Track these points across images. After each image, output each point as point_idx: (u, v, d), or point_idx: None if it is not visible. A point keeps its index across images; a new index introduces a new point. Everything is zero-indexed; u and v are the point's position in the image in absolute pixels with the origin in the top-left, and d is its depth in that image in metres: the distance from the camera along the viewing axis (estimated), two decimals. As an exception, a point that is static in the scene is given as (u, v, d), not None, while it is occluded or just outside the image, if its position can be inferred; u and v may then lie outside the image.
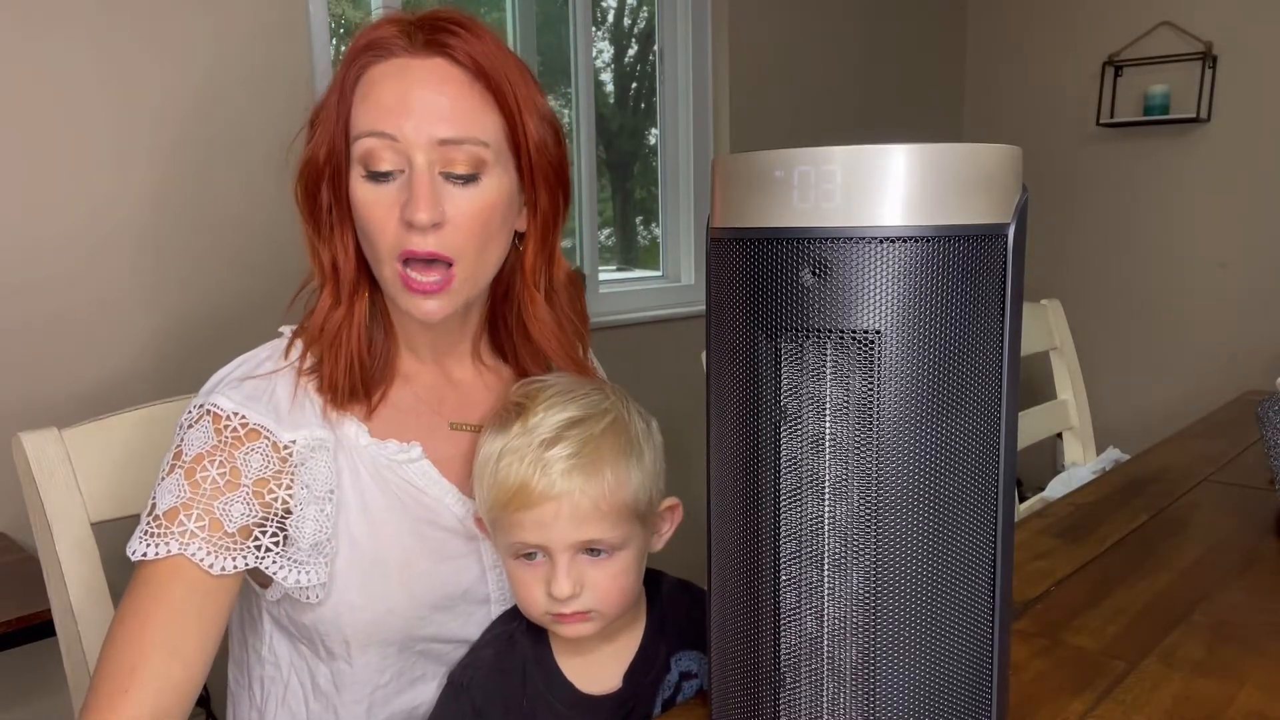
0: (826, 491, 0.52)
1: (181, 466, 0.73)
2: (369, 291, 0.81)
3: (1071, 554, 0.99)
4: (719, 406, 0.57)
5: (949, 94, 3.53)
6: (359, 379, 0.79)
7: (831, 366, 0.51)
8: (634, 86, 2.78)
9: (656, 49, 2.66)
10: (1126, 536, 1.04)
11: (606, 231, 2.72)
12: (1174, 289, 3.17)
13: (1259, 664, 0.74)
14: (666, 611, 0.82)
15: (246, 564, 0.72)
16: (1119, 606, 0.86)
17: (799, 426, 0.52)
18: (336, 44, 1.88)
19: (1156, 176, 3.16)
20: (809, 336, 0.51)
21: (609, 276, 2.66)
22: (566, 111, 2.44)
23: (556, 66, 2.43)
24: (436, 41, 0.74)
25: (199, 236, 1.69)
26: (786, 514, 0.53)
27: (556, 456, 0.72)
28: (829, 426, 0.51)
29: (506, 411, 0.77)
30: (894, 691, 0.52)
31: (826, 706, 0.54)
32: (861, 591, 0.52)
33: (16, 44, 1.48)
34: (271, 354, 0.81)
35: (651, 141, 2.77)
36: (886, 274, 0.49)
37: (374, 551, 0.79)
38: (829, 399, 0.51)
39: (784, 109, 2.86)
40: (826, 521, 0.52)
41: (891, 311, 0.49)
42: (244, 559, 0.72)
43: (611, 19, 2.70)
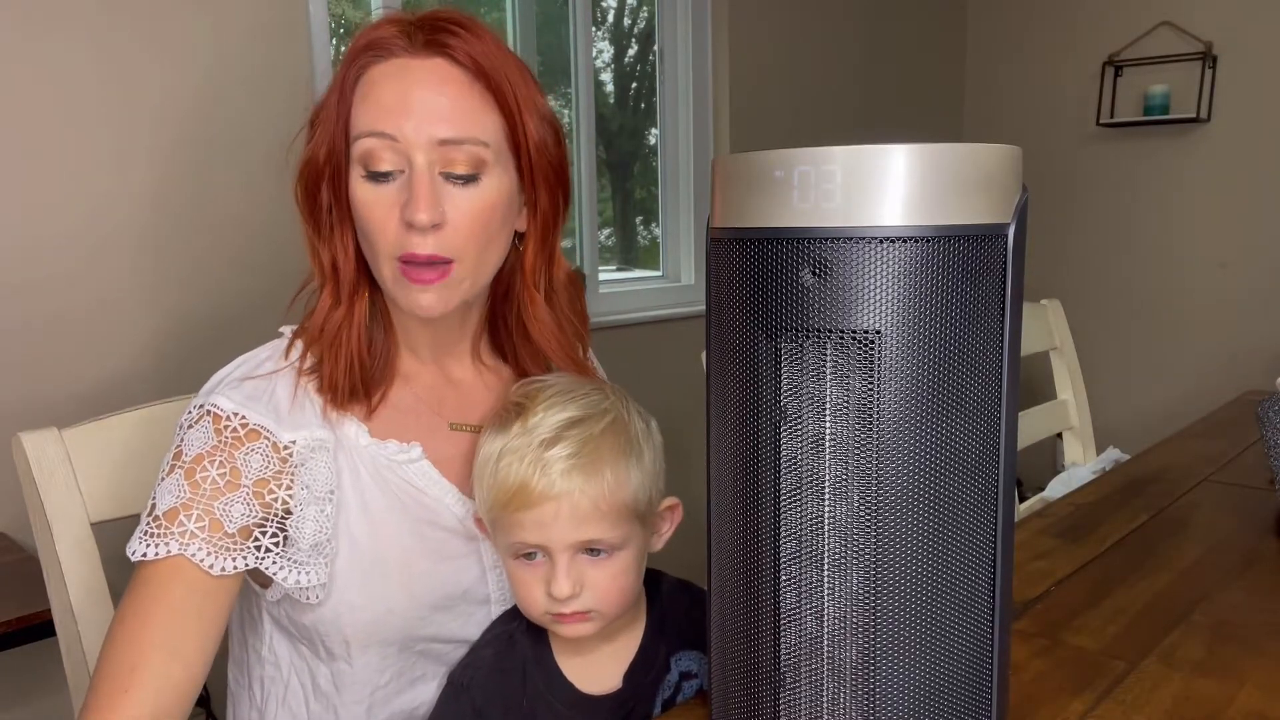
0: (826, 491, 0.52)
1: (181, 467, 0.73)
2: (369, 291, 0.81)
3: (1071, 554, 0.99)
4: (719, 406, 0.57)
5: (949, 94, 3.53)
6: (359, 379, 0.79)
7: (831, 366, 0.51)
8: (634, 86, 2.78)
9: (656, 49, 2.66)
10: (1126, 536, 1.04)
11: (606, 231, 2.72)
12: (1174, 289, 3.17)
13: (1259, 664, 0.74)
14: (666, 611, 0.82)
15: (246, 564, 0.72)
16: (1119, 606, 0.86)
17: (799, 426, 0.52)
18: (336, 44, 1.88)
19: (1156, 176, 3.16)
20: (809, 336, 0.51)
21: (609, 276, 2.66)
22: (566, 111, 2.44)
23: (556, 66, 2.43)
24: (436, 41, 0.74)
25: (199, 236, 1.69)
26: (786, 514, 0.53)
27: (556, 456, 0.72)
28: (829, 426, 0.51)
29: (506, 411, 0.77)
30: (894, 691, 0.52)
31: (826, 706, 0.54)
32: (861, 591, 0.52)
33: (16, 44, 1.48)
34: (271, 354, 0.81)
35: (651, 141, 2.77)
36: (886, 274, 0.49)
37: (374, 552, 0.79)
38: (829, 399, 0.51)
39: (784, 109, 2.86)
40: (826, 521, 0.52)
41: (891, 311, 0.49)
42: (244, 559, 0.72)
43: (611, 19, 2.70)
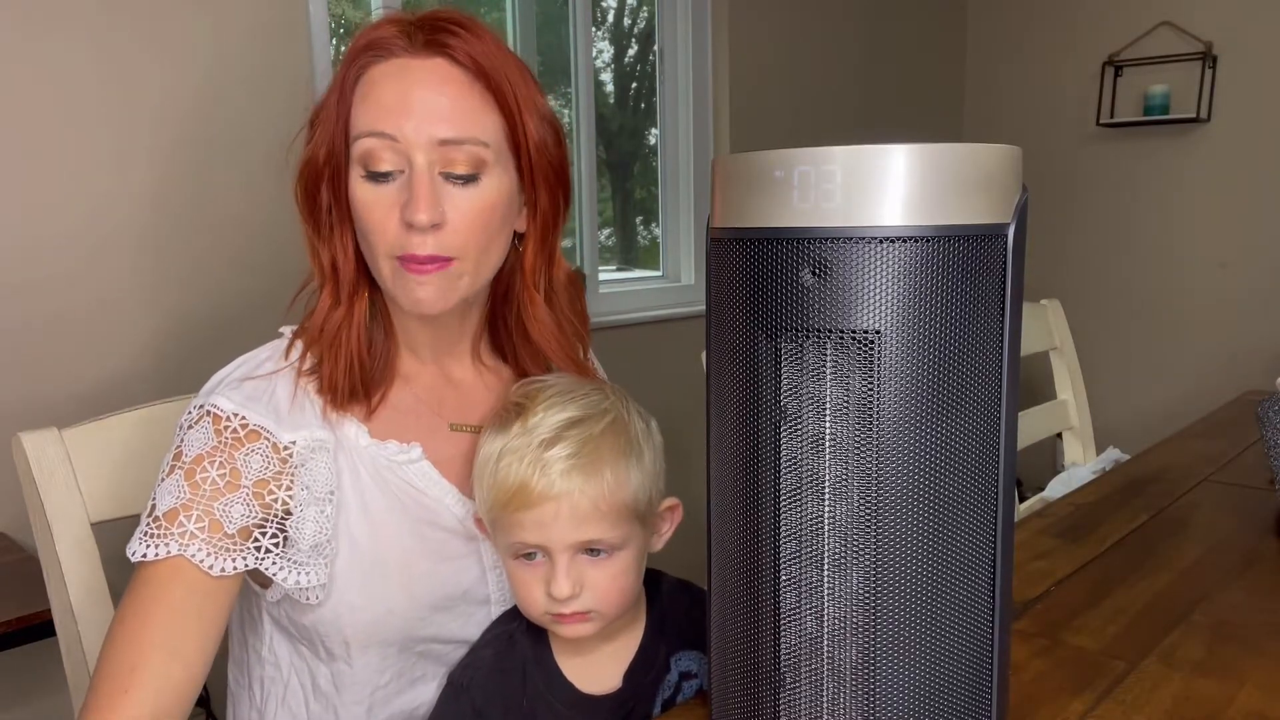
0: (826, 491, 0.52)
1: (181, 467, 0.73)
2: (369, 292, 0.81)
3: (1071, 554, 0.99)
4: (719, 406, 0.57)
5: (949, 94, 3.53)
6: (359, 379, 0.79)
7: (831, 366, 0.51)
8: (634, 86, 2.78)
9: (656, 49, 2.66)
10: (1126, 536, 1.04)
11: (606, 231, 2.72)
12: (1174, 289, 3.17)
13: (1259, 664, 0.74)
14: (666, 611, 0.82)
15: (246, 565, 0.72)
16: (1119, 606, 0.86)
17: (799, 426, 0.52)
18: (336, 44, 1.88)
19: (1156, 176, 3.16)
20: (809, 336, 0.51)
21: (609, 276, 2.66)
22: (566, 111, 2.44)
23: (556, 66, 2.43)
24: (436, 41, 0.74)
25: (199, 236, 1.69)
26: (786, 514, 0.53)
27: (556, 457, 0.72)
28: (829, 426, 0.51)
29: (506, 412, 0.77)
30: (894, 691, 0.52)
31: (826, 706, 0.54)
32: (861, 591, 0.52)
33: (16, 44, 1.48)
34: (271, 354, 0.81)
35: (651, 141, 2.76)
36: (886, 274, 0.49)
37: (374, 552, 0.79)
38: (829, 399, 0.51)
39: (784, 109, 2.86)
40: (826, 521, 0.52)
41: (891, 311, 0.49)
42: (244, 560, 0.72)
43: (611, 19, 2.70)
